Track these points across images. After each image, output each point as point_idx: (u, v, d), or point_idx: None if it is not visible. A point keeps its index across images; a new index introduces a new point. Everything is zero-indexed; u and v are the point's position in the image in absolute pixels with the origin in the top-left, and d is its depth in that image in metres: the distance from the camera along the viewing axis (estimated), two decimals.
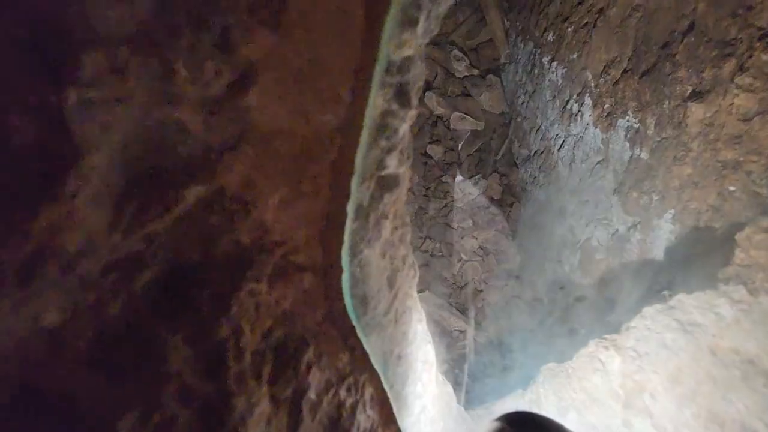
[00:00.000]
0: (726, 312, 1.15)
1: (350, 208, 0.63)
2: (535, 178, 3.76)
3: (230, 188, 0.57)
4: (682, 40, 1.73)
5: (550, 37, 3.29)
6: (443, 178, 4.74)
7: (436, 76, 5.04)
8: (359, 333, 0.82)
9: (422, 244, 4.66)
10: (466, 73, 4.85)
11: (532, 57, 3.76)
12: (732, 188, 1.46)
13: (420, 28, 0.65)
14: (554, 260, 3.33)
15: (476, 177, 4.67)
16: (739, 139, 1.43)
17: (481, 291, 4.18)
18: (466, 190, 4.66)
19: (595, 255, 2.59)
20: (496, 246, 4.48)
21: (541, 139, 3.58)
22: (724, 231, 1.47)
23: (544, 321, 2.96)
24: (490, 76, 4.73)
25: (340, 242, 0.67)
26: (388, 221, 0.80)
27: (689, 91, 1.69)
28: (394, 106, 0.66)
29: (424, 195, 4.84)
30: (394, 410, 1.06)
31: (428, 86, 4.96)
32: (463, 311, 4.10)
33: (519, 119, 4.20)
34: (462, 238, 4.64)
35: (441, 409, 1.46)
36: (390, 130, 0.69)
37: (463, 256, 4.54)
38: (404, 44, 0.61)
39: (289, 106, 0.55)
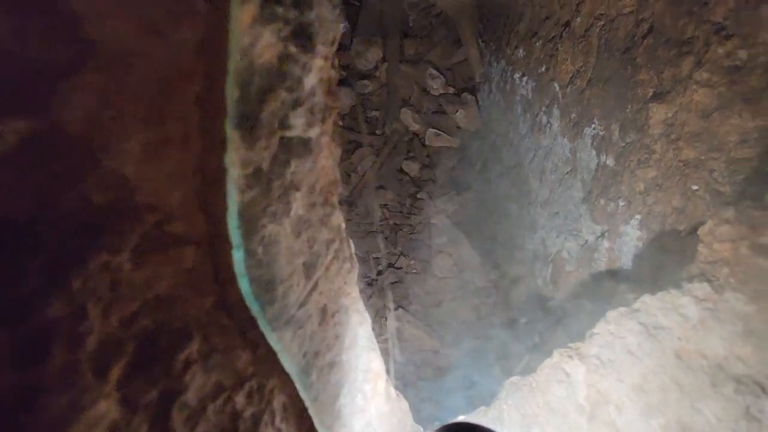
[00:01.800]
0: (691, 312, 1.07)
1: (230, 163, 0.52)
2: (508, 193, 3.72)
3: (69, 128, 0.45)
4: (642, 43, 1.71)
5: (521, 53, 3.32)
6: (418, 195, 4.68)
7: (413, 93, 5.07)
8: (264, 327, 0.69)
9: (396, 261, 4.54)
10: (442, 91, 4.89)
11: (504, 75, 3.79)
12: (695, 187, 1.41)
13: None
14: (528, 275, 3.25)
15: (451, 193, 4.62)
16: (700, 137, 1.39)
17: (453, 309, 4.05)
18: (441, 206, 4.60)
19: (565, 267, 2.51)
20: (471, 263, 4.38)
21: (513, 154, 3.56)
22: (689, 233, 1.40)
23: (519, 338, 2.84)
24: (465, 94, 4.77)
25: (225, 207, 0.55)
26: (299, 194, 0.68)
27: (650, 93, 1.66)
28: (293, 49, 0.56)
29: (399, 211, 4.77)
30: (323, 425, 0.92)
31: (404, 103, 4.98)
32: (436, 329, 3.95)
33: (493, 136, 4.20)
34: (437, 255, 4.53)
35: (392, 426, 1.32)
36: (291, 79, 0.59)
37: (437, 273, 4.42)
38: None
39: (136, 17, 0.44)
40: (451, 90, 4.87)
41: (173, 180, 0.55)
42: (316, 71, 0.63)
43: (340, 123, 5.22)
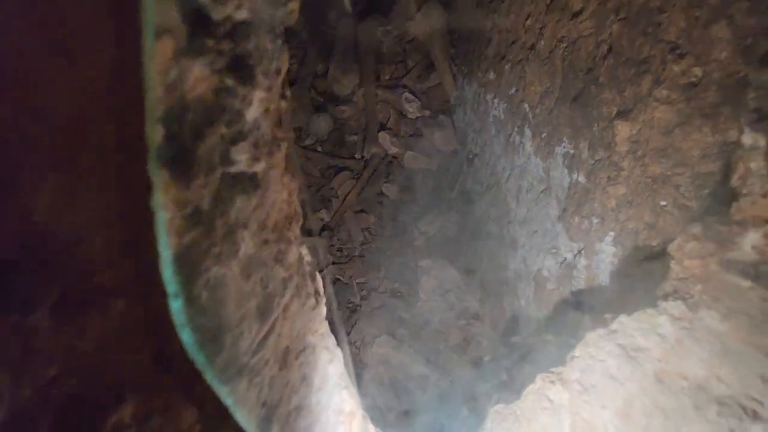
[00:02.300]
0: (668, 332, 1.04)
1: (160, 204, 0.48)
2: (488, 212, 3.73)
3: None
4: (603, 64, 1.75)
5: (491, 75, 3.39)
6: (400, 217, 4.66)
7: (390, 117, 5.12)
8: (212, 380, 0.63)
9: (380, 285, 4.48)
10: (418, 114, 4.95)
11: (477, 96, 3.86)
12: (663, 203, 1.41)
13: None
14: (512, 294, 3.22)
15: (433, 214, 4.62)
16: (665, 153, 1.40)
17: (441, 332, 3.98)
18: (423, 228, 4.58)
19: (547, 286, 2.49)
20: (456, 284, 4.34)
21: (490, 174, 3.59)
22: (662, 248, 1.40)
23: (500, 362, 2.78)
24: (441, 116, 4.84)
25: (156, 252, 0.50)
26: (248, 232, 0.64)
27: (615, 111, 1.69)
28: (230, 81, 0.54)
29: (381, 235, 4.73)
30: None
31: (382, 127, 5.02)
32: (423, 354, 3.86)
33: (470, 156, 4.24)
34: (421, 277, 4.48)
35: None
36: (230, 112, 0.56)
37: (422, 296, 4.36)
38: (226, 1, 0.50)
39: (40, 31, 0.40)
40: (427, 113, 4.94)
41: (95, 220, 0.50)
42: (258, 103, 0.61)
43: (319, 149, 5.19)
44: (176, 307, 0.57)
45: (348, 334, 4.19)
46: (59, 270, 0.50)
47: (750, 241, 0.87)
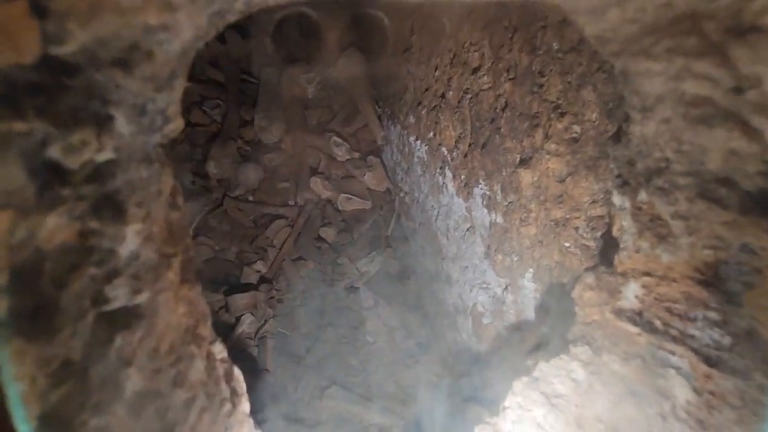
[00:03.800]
0: (580, 377, 1.11)
1: (12, 373, 0.43)
2: (423, 248, 3.82)
3: None
4: (503, 115, 1.91)
5: (412, 119, 3.55)
6: (339, 260, 4.62)
7: (320, 161, 5.15)
8: None
9: (324, 333, 4.36)
10: (348, 157, 5.03)
11: (401, 138, 4.01)
12: (567, 244, 1.53)
13: (123, 126, 0.53)
14: (453, 329, 3.28)
15: (372, 254, 4.63)
16: (561, 198, 1.53)
17: (392, 374, 3.92)
18: (363, 269, 4.57)
19: (483, 320, 2.57)
20: (402, 321, 4.34)
21: (421, 212, 3.70)
22: (572, 287, 1.50)
23: (453, 398, 2.79)
24: (371, 157, 4.96)
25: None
26: (134, 369, 0.60)
27: (518, 159, 1.83)
28: (94, 224, 0.51)
29: (322, 280, 4.65)
30: None
31: (313, 172, 5.02)
32: (375, 400, 3.76)
33: (402, 194, 4.36)
34: (366, 319, 4.43)
35: None
36: (100, 252, 0.53)
37: (369, 338, 4.30)
38: (85, 147, 0.48)
39: None
40: (357, 155, 5.03)
41: None
42: (134, 235, 0.58)
43: (251, 198, 5.03)
44: None
45: (295, 390, 4.00)
46: None
47: (632, 290, 0.97)
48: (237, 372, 1.01)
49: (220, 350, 0.96)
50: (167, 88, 0.60)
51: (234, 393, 0.94)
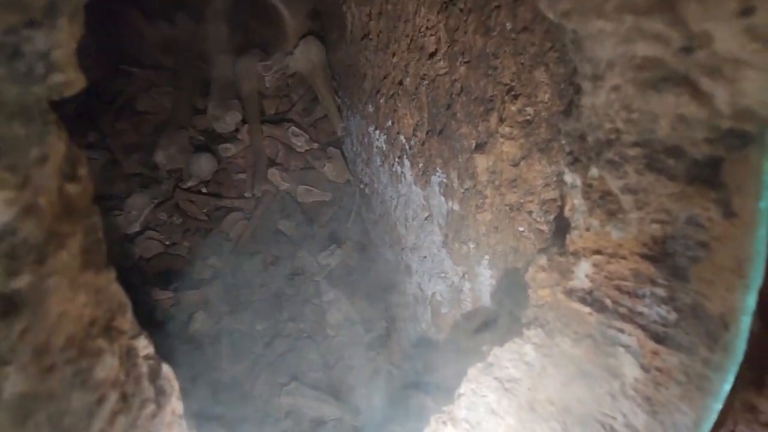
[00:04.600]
0: (533, 360, 1.10)
1: None
2: (383, 240, 3.77)
3: None
4: (458, 100, 1.88)
5: (370, 108, 3.48)
6: (298, 253, 4.50)
7: (278, 152, 4.97)
8: None
9: (284, 329, 4.23)
10: (307, 147, 4.89)
11: (360, 128, 3.93)
12: (521, 228, 1.52)
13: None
14: (413, 320, 3.26)
15: (332, 247, 4.53)
16: (515, 183, 1.52)
17: (352, 368, 3.86)
18: (323, 261, 4.47)
19: (441, 309, 2.55)
20: (362, 314, 4.29)
21: (381, 203, 3.65)
22: (526, 271, 1.50)
23: (409, 395, 2.77)
24: (330, 148, 4.84)
25: None
26: (14, 367, 0.49)
27: (473, 144, 1.81)
28: None
29: (281, 274, 4.51)
30: None
31: (271, 163, 4.85)
32: (336, 395, 3.70)
33: (362, 186, 4.29)
34: (327, 312, 4.35)
35: None
36: None
37: (329, 332, 4.22)
38: None
39: None
40: (316, 145, 4.90)
41: None
42: (5, 206, 0.48)
43: (204, 190, 4.81)
44: None
45: (252, 388, 3.86)
46: None
47: (583, 270, 0.95)
48: (166, 369, 0.91)
49: (144, 345, 0.85)
50: (47, 26, 0.49)
51: (160, 392, 0.84)
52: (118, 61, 4.82)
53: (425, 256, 2.71)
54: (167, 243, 4.44)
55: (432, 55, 2.08)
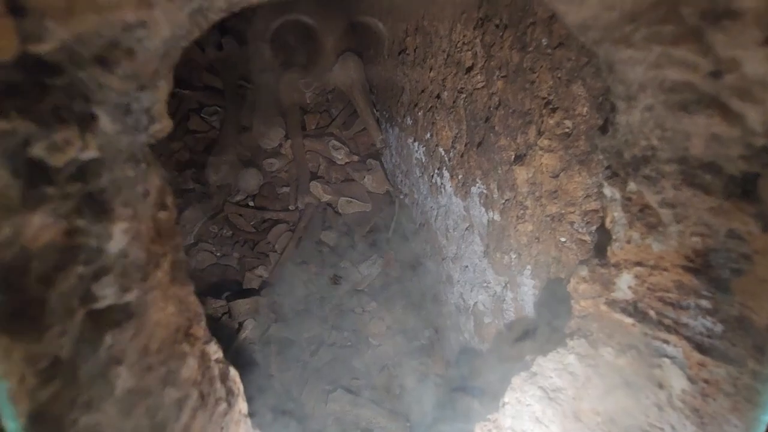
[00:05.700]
0: (577, 370, 1.11)
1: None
2: (424, 250, 3.82)
3: None
4: (496, 114, 1.91)
5: (409, 121, 3.56)
6: (341, 264, 4.63)
7: (320, 165, 5.17)
8: None
9: (329, 337, 4.36)
10: (347, 160, 5.05)
11: (400, 140, 4.02)
12: (563, 239, 1.53)
13: (107, 125, 0.54)
14: (456, 329, 3.27)
15: (373, 257, 4.63)
16: (556, 194, 1.53)
17: (396, 376, 3.91)
18: (365, 272, 4.57)
19: (484, 319, 2.56)
20: (404, 324, 4.33)
21: (421, 213, 3.70)
22: (569, 281, 1.50)
23: (455, 404, 2.78)
24: (370, 160, 4.97)
25: None
26: (124, 367, 0.60)
27: (513, 156, 1.83)
28: (81, 222, 0.51)
29: (324, 284, 4.65)
30: None
31: (313, 176, 5.04)
32: (379, 403, 3.75)
33: (402, 196, 4.36)
34: (369, 322, 4.44)
35: None
36: (87, 251, 0.54)
37: (372, 341, 4.29)
38: (69, 146, 0.48)
39: None
40: (356, 158, 5.05)
41: None
42: (121, 234, 0.59)
43: (251, 204, 5.07)
44: None
45: (300, 394, 3.99)
46: None
47: (625, 281, 0.97)
48: (233, 372, 1.01)
49: (215, 350, 0.96)
50: (151, 88, 0.61)
51: (230, 393, 0.94)
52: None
53: (467, 266, 2.74)
54: (218, 254, 4.70)
55: (469, 69, 2.14)
